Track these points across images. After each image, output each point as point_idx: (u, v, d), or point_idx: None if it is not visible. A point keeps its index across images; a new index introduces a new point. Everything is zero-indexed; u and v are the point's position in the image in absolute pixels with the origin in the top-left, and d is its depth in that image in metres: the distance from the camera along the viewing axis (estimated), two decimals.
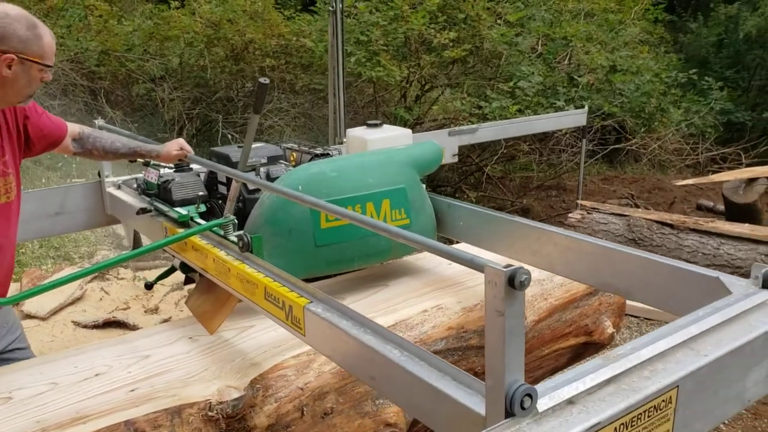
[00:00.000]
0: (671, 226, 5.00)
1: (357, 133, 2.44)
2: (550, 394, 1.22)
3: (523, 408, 1.16)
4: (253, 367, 1.90)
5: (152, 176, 2.44)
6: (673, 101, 9.19)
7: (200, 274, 2.28)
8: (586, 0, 9.49)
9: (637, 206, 7.14)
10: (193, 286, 2.40)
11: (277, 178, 2.33)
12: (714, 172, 8.09)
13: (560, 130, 8.05)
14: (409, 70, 8.28)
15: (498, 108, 7.24)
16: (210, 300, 2.16)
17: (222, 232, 2.07)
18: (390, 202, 2.19)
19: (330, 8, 3.11)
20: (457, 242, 2.78)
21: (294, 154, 2.53)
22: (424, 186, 2.37)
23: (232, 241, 2.01)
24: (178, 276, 4.70)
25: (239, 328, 2.14)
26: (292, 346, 1.98)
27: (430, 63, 8.17)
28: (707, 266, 4.33)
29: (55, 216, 2.69)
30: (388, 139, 2.38)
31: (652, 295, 1.80)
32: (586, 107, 6.15)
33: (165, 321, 4.31)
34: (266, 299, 1.80)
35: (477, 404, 1.26)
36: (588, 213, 5.39)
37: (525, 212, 7.81)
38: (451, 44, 7.86)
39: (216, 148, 2.48)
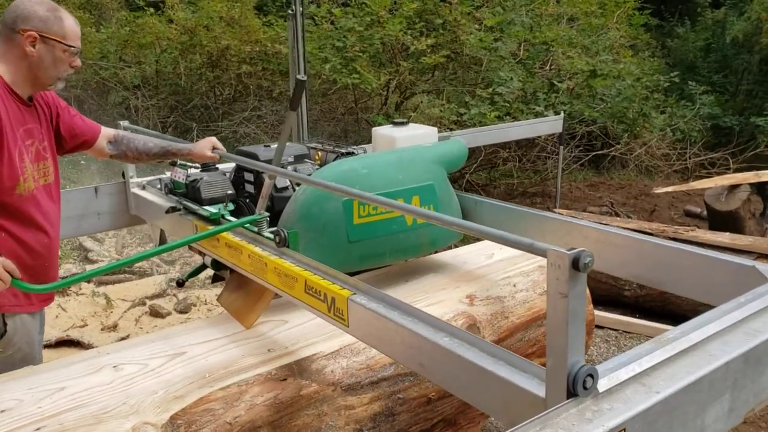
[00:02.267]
0: (650, 234, 4.97)
1: (384, 131, 2.47)
2: (609, 375, 1.25)
3: (585, 388, 1.19)
4: (176, 400, 1.74)
5: (180, 176, 2.46)
6: (655, 106, 9.15)
7: (231, 271, 2.31)
8: (567, 4, 9.37)
9: (617, 214, 6.99)
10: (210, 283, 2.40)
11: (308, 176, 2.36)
12: (702, 177, 8.01)
13: (540, 137, 8.01)
14: (390, 76, 8.19)
15: (477, 114, 7.12)
16: (243, 296, 2.18)
17: (255, 229, 2.10)
18: (420, 198, 2.23)
19: (290, 12, 3.11)
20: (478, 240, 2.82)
21: (319, 153, 2.57)
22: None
23: (268, 237, 2.03)
24: (142, 290, 4.65)
25: (168, 355, 1.98)
26: (221, 376, 1.85)
27: (408, 69, 8.08)
28: None
29: (80, 217, 2.71)
30: (415, 137, 2.41)
31: (686, 284, 1.84)
32: (563, 114, 6.13)
33: (123, 339, 4.06)
34: (306, 292, 1.82)
35: (535, 387, 1.29)
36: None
37: None
38: (428, 50, 7.75)
39: (244, 148, 2.51)
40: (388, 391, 2.05)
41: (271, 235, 2.01)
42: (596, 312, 4.18)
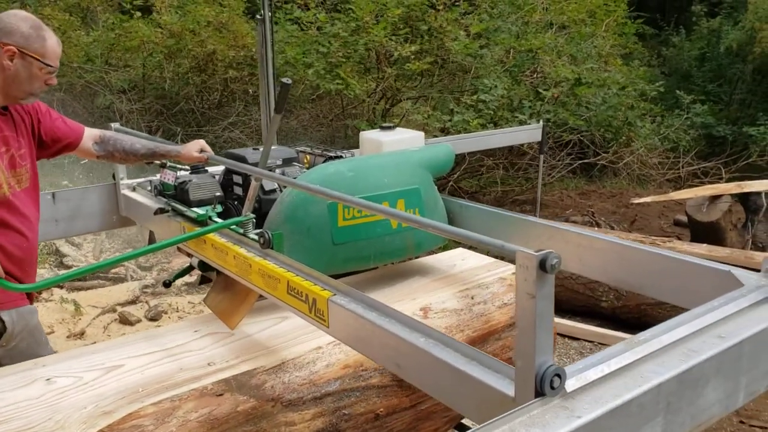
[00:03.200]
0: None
1: (371, 135, 2.50)
2: (577, 375, 1.27)
3: (552, 387, 1.21)
4: (105, 416, 1.69)
5: (169, 178, 2.49)
6: (640, 115, 9.07)
7: (218, 273, 2.33)
8: (554, 12, 9.34)
9: (598, 224, 6.95)
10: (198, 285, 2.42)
11: (293, 179, 2.38)
12: (694, 186, 7.92)
13: (523, 145, 7.95)
14: (376, 82, 8.15)
15: (461, 122, 7.09)
16: (229, 297, 2.20)
17: (242, 231, 2.12)
18: (405, 201, 2.24)
19: (258, 17, 3.13)
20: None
21: (308, 156, 2.59)
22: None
23: (252, 239, 2.05)
24: (115, 297, 4.61)
25: (104, 368, 1.92)
26: (155, 390, 1.80)
27: (394, 76, 8.06)
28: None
29: (71, 218, 2.74)
30: (402, 141, 2.43)
31: (665, 289, 1.86)
32: (541, 122, 6.11)
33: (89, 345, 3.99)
34: (289, 293, 1.84)
35: (505, 386, 1.31)
36: None
37: None
38: (413, 56, 7.73)
39: (232, 150, 2.53)
40: (333, 406, 2.00)
41: (257, 237, 2.03)
42: (572, 323, 4.19)
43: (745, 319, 1.48)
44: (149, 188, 2.79)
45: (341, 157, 2.54)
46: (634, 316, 4.45)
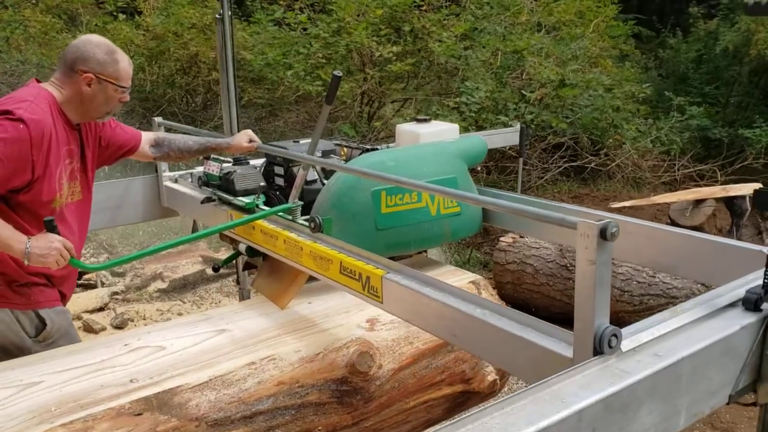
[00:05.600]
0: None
1: (409, 127, 2.62)
2: (631, 337, 1.38)
3: (610, 347, 1.33)
4: None
5: (214, 169, 2.60)
6: (626, 117, 8.87)
7: (264, 257, 2.45)
8: (542, 13, 9.17)
9: None
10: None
11: (333, 171, 2.51)
12: (689, 189, 7.85)
13: (508, 148, 7.88)
14: (358, 84, 8.04)
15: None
16: (277, 279, 2.32)
17: (290, 217, 2.23)
18: None
19: (217, 16, 3.22)
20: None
21: (344, 149, 2.71)
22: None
23: (302, 224, 2.17)
24: (83, 304, 4.47)
25: (20, 385, 1.83)
26: (70, 410, 1.71)
27: (378, 78, 7.94)
28: (642, 295, 4.33)
29: (115, 208, 2.86)
30: (437, 132, 2.56)
31: (697, 269, 1.97)
32: (519, 125, 6.01)
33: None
34: (341, 273, 1.96)
35: (563, 349, 1.42)
36: (520, 237, 5.10)
37: (486, 231, 7.63)
38: (395, 58, 7.62)
39: (273, 143, 2.64)
40: (265, 426, 1.92)
41: (305, 222, 2.15)
42: None
43: (687, 336, 1.40)
44: (190, 180, 2.91)
45: (376, 149, 2.66)
46: (612, 322, 4.36)
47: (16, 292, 2.20)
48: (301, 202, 2.24)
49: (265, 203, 2.54)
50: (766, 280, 1.47)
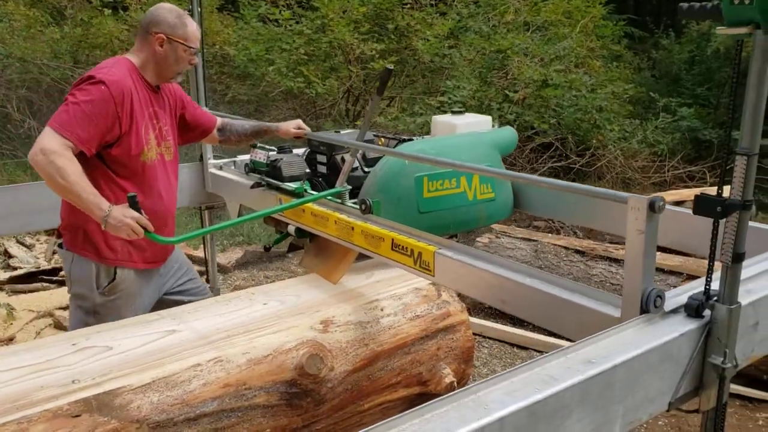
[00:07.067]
0: (581, 252, 4.57)
1: (445, 119, 2.81)
2: (671, 299, 1.57)
3: (655, 306, 1.51)
4: None
5: (261, 157, 2.77)
6: (609, 117, 8.76)
7: (310, 239, 2.63)
8: (528, 12, 9.10)
9: (558, 231, 6.72)
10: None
11: (372, 158, 2.70)
12: (679, 190, 7.52)
13: None
14: (342, 82, 8.08)
15: (424, 123, 6.90)
16: (326, 258, 2.50)
17: (339, 200, 2.41)
18: (479, 177, 2.55)
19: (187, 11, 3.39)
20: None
21: (382, 139, 2.89)
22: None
23: (352, 206, 2.35)
24: (56, 300, 4.35)
25: None
26: (5, 411, 1.67)
27: (363, 76, 7.97)
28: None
29: None
30: (472, 124, 2.75)
31: None
32: (496, 125, 5.89)
33: None
34: (393, 250, 2.13)
35: (612, 310, 1.60)
36: (497, 237, 5.07)
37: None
38: (377, 55, 7.63)
39: (316, 133, 2.82)
40: (210, 428, 1.91)
41: (353, 205, 2.33)
42: (521, 332, 4.09)
43: (623, 342, 1.39)
44: (233, 167, 3.09)
45: (411, 140, 2.84)
46: None
47: (109, 247, 2.42)
48: (350, 187, 2.42)
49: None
50: (707, 287, 1.48)
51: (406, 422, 1.08)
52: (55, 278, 4.83)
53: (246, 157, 3.11)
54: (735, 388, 3.43)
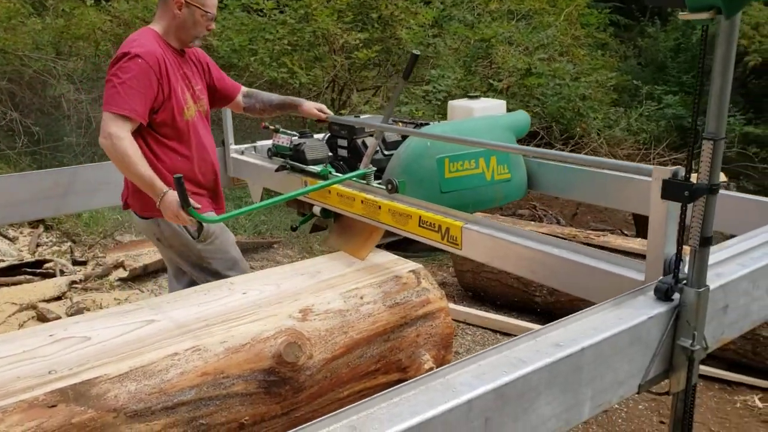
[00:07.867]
0: (562, 239, 4.49)
1: (462, 103, 2.94)
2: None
3: (677, 269, 1.63)
4: None
5: (283, 141, 2.88)
6: (591, 106, 8.64)
7: (335, 219, 2.74)
8: (512, 1, 9.04)
9: (540, 219, 6.78)
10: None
11: (391, 141, 2.81)
12: None
13: None
14: (327, 72, 7.99)
15: (409, 113, 6.87)
16: (352, 235, 2.61)
17: (364, 181, 2.53)
18: (496, 159, 2.68)
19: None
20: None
21: (400, 123, 3.00)
22: None
23: (377, 186, 2.47)
24: (40, 292, 4.23)
25: None
26: None
27: (348, 66, 7.90)
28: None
29: None
30: (488, 107, 2.88)
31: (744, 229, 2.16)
32: None
33: None
34: (421, 226, 2.25)
35: (635, 275, 1.73)
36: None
37: None
38: (361, 45, 7.58)
39: (338, 117, 2.93)
40: (188, 416, 1.91)
41: (380, 186, 2.45)
42: (504, 319, 4.17)
43: (592, 325, 1.39)
44: (253, 152, 3.19)
45: (428, 124, 2.96)
46: (567, 310, 3.95)
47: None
48: (375, 168, 2.53)
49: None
50: (676, 270, 1.51)
51: (374, 405, 1.10)
52: (38, 271, 4.76)
53: (266, 143, 3.22)
54: (714, 371, 3.54)
